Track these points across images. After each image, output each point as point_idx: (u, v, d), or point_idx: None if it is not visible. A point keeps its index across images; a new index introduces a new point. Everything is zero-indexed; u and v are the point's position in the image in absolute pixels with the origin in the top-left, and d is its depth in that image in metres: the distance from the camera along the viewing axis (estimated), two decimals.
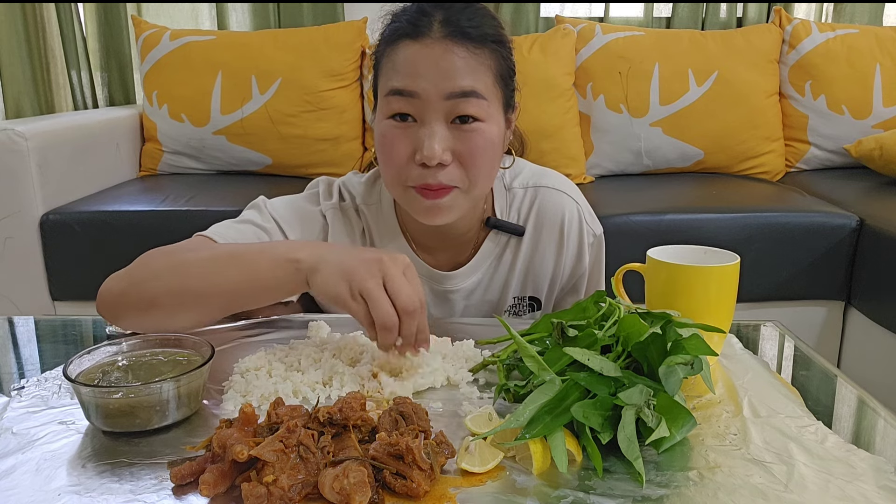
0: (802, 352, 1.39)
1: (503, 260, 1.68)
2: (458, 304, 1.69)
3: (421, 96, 1.38)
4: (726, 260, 1.28)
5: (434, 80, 1.37)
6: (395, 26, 1.44)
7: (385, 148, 1.44)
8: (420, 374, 1.20)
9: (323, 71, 3.58)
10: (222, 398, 1.14)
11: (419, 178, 1.42)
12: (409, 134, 1.41)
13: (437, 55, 1.37)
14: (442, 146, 1.38)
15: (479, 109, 1.40)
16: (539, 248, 1.67)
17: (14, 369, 1.28)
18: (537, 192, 1.67)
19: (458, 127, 1.40)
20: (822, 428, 1.04)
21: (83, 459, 0.96)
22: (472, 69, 1.39)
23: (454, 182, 1.43)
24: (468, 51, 1.38)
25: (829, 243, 2.88)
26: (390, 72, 1.42)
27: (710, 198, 3.25)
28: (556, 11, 4.21)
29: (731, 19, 4.17)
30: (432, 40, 1.38)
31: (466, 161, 1.42)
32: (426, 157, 1.38)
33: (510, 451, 0.97)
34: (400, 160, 1.43)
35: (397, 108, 1.40)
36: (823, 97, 3.75)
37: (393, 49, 1.43)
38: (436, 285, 1.66)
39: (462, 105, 1.38)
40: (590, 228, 1.69)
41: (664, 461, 0.96)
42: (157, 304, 1.33)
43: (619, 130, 3.68)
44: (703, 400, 1.13)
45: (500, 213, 1.66)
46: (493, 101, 1.43)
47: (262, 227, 1.55)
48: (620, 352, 1.08)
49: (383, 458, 0.89)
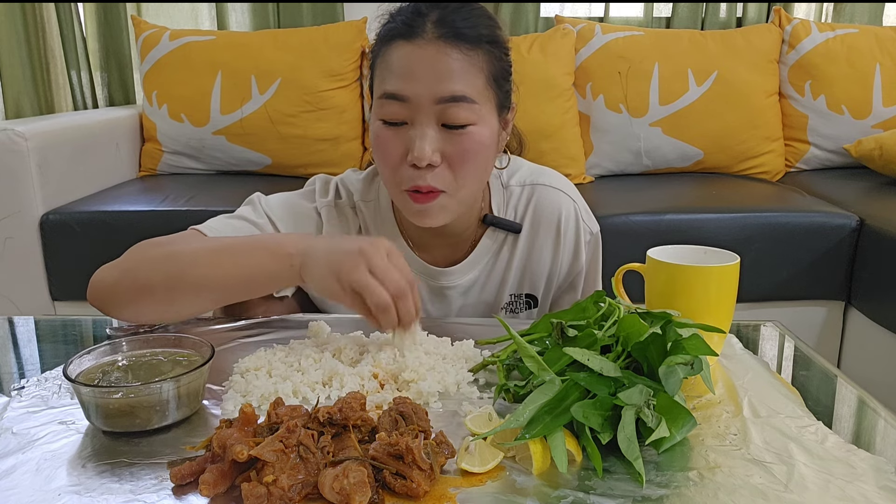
0: (802, 352, 1.39)
1: (500, 257, 1.68)
2: (454, 300, 1.69)
3: (412, 100, 1.40)
4: (726, 260, 1.28)
5: (425, 84, 1.39)
6: (389, 26, 1.46)
7: (379, 149, 1.47)
8: (421, 347, 1.26)
9: (323, 71, 3.58)
10: (222, 398, 1.14)
11: (410, 179, 1.44)
12: (401, 135, 1.43)
13: (429, 57, 1.39)
14: (432, 148, 1.40)
15: (470, 113, 1.41)
16: (536, 246, 1.68)
17: (14, 369, 1.28)
18: (534, 190, 1.68)
19: (448, 129, 1.42)
20: (823, 428, 1.04)
21: (83, 459, 0.96)
22: (464, 72, 1.40)
23: (443, 185, 1.44)
24: (461, 52, 1.39)
25: (829, 243, 2.88)
26: (384, 73, 1.44)
27: (710, 198, 3.25)
28: (555, 11, 4.20)
29: (731, 19, 4.17)
30: (425, 41, 1.39)
31: (456, 163, 1.43)
32: (416, 157, 1.39)
33: (510, 451, 0.97)
34: (393, 161, 1.45)
35: (389, 111, 1.42)
36: (823, 97, 3.75)
37: (387, 49, 1.44)
38: (432, 282, 1.67)
39: (452, 109, 1.40)
40: (586, 226, 1.70)
41: (664, 461, 0.96)
42: (150, 293, 1.35)
43: (618, 130, 3.68)
44: (703, 400, 1.13)
45: (497, 210, 1.66)
46: (486, 104, 1.44)
47: (254, 223, 1.56)
48: (620, 352, 1.08)
49: (383, 458, 0.89)
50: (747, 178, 3.71)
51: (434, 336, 1.34)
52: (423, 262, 1.65)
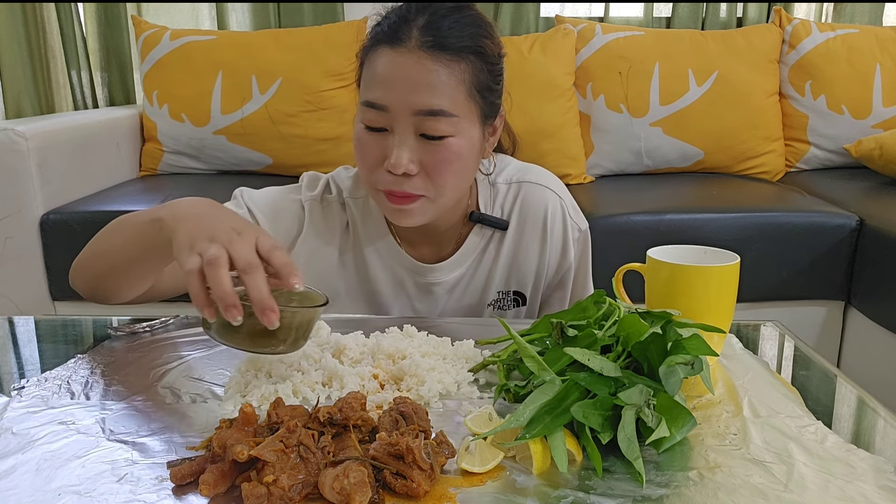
0: (802, 352, 1.39)
1: (486, 254, 1.69)
2: (440, 297, 1.70)
3: (391, 110, 1.42)
4: (726, 260, 1.28)
5: (403, 95, 1.40)
6: (377, 29, 1.47)
7: (358, 150, 1.50)
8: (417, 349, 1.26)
9: (323, 71, 3.58)
10: (222, 398, 1.14)
11: (386, 183, 1.46)
12: (380, 141, 1.45)
13: (409, 68, 1.40)
14: (408, 157, 1.42)
15: (448, 126, 1.42)
16: (523, 243, 1.69)
17: (14, 369, 1.28)
18: (521, 188, 1.68)
19: (427, 139, 1.43)
20: (822, 428, 1.05)
21: (83, 459, 0.96)
22: (443, 84, 1.41)
23: (419, 191, 1.46)
24: (442, 64, 1.40)
25: (829, 243, 2.88)
26: (368, 79, 1.48)
27: (711, 198, 3.26)
28: (556, 11, 4.20)
29: (731, 19, 4.17)
30: (407, 50, 1.40)
31: (433, 173, 1.45)
32: (392, 165, 1.42)
33: (510, 451, 0.97)
34: (370, 164, 1.48)
35: (369, 119, 1.45)
36: (823, 97, 3.75)
37: (373, 53, 1.46)
38: (419, 278, 1.68)
39: (430, 122, 1.41)
40: (574, 223, 1.71)
41: (664, 461, 0.96)
42: (93, 272, 1.47)
43: (619, 130, 3.68)
44: (703, 400, 1.13)
45: (484, 207, 1.67)
46: (466, 116, 1.45)
47: None
48: (620, 351, 1.09)
49: (384, 458, 0.89)
50: (747, 177, 3.71)
51: (434, 336, 1.35)
52: (410, 259, 1.66)
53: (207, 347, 1.34)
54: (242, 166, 3.66)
